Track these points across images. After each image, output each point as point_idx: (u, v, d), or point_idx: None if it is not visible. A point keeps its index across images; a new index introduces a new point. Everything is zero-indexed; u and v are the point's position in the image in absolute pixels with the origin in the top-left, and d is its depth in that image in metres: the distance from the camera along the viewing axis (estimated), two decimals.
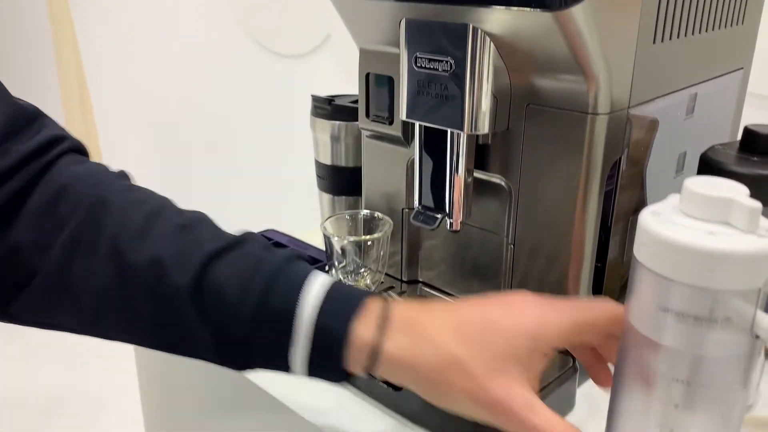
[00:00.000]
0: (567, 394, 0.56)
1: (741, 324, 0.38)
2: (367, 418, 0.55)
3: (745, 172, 0.50)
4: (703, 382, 0.39)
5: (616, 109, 0.51)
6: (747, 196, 0.39)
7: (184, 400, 0.72)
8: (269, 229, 0.83)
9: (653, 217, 0.40)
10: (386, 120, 0.63)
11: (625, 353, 0.43)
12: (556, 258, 0.55)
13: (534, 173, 0.55)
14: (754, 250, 0.37)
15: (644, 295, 0.40)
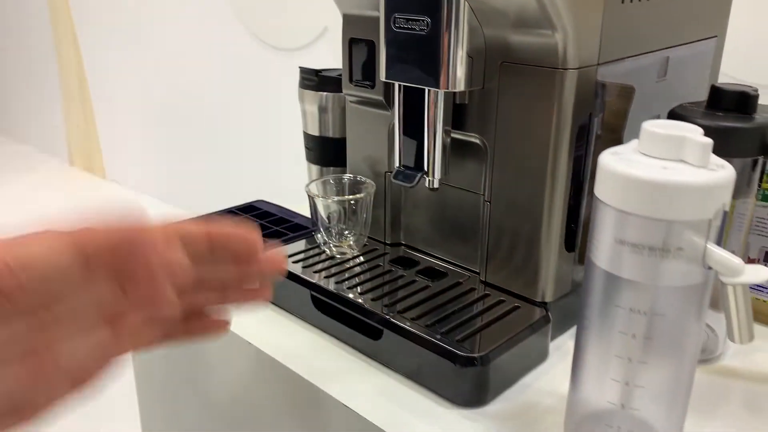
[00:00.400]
0: (539, 345, 0.58)
1: (693, 255, 0.40)
2: (346, 363, 0.57)
3: (710, 124, 0.52)
4: (660, 312, 0.41)
5: (585, 65, 0.53)
6: (701, 134, 0.41)
7: (181, 397, 0.74)
8: (259, 200, 0.85)
9: (612, 157, 0.42)
10: (368, 84, 0.65)
11: (588, 292, 0.44)
12: (530, 215, 0.57)
13: (508, 130, 0.57)
14: (704, 183, 0.39)
15: (603, 230, 0.42)
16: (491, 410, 0.52)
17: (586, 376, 0.46)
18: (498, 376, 0.53)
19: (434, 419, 0.51)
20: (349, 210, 0.66)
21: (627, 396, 0.44)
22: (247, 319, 0.64)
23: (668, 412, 0.45)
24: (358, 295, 0.60)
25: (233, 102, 2.24)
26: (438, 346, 0.53)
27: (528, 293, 0.59)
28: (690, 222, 0.39)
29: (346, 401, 0.53)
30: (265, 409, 0.63)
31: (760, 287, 0.64)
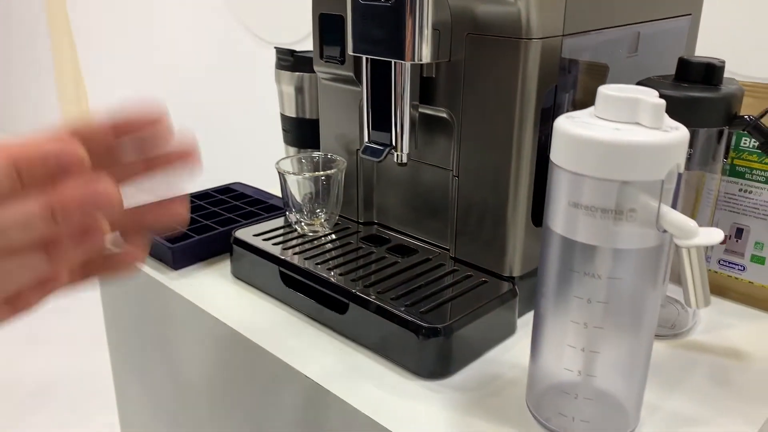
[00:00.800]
0: (506, 319, 0.57)
1: (646, 217, 0.40)
2: (313, 338, 0.57)
3: (675, 94, 0.52)
4: (615, 276, 0.41)
5: (549, 35, 0.52)
6: (656, 97, 0.40)
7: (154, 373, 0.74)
8: (236, 182, 0.85)
9: (567, 120, 0.42)
10: (338, 60, 0.65)
11: (545, 258, 0.44)
12: (496, 190, 0.57)
13: (474, 104, 0.56)
14: (656, 142, 0.38)
15: (558, 194, 0.42)
16: (454, 381, 0.52)
17: (544, 343, 0.46)
18: (462, 348, 0.53)
19: (396, 390, 0.51)
20: (321, 187, 0.66)
21: (584, 362, 0.44)
22: (215, 294, 0.64)
23: (628, 380, 0.45)
24: (326, 270, 0.60)
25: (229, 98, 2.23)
26: (401, 318, 0.52)
27: (496, 268, 0.59)
28: (642, 183, 0.39)
29: (310, 374, 0.53)
30: (233, 384, 0.63)
31: (732, 263, 0.63)
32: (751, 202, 0.62)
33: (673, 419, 0.48)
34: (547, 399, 0.47)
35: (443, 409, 0.49)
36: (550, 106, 0.55)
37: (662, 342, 0.57)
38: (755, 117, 0.52)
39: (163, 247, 0.67)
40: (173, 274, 0.68)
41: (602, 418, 0.46)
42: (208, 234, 0.69)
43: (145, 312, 0.72)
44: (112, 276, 0.37)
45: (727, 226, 0.63)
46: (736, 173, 0.62)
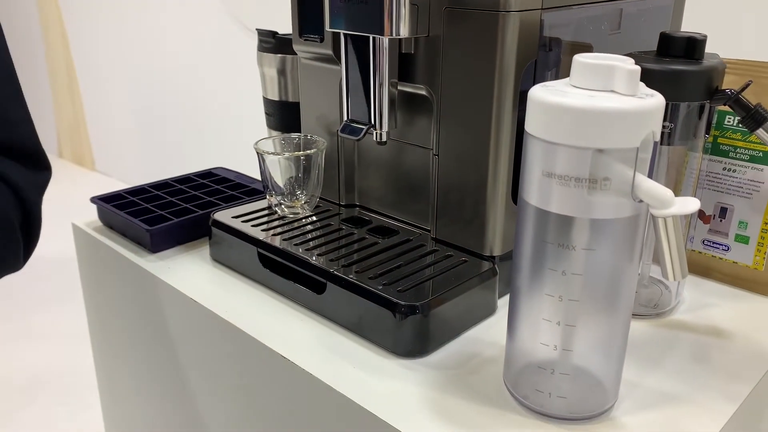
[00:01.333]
0: (486, 298, 0.56)
1: (621, 186, 0.39)
2: (291, 319, 0.56)
3: (657, 68, 0.51)
4: (589, 248, 0.40)
5: (527, 8, 0.51)
6: (631, 63, 0.39)
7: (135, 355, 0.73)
8: (218, 167, 0.84)
9: (542, 89, 0.41)
10: (317, 38, 0.64)
11: (521, 231, 0.43)
12: (476, 168, 0.56)
13: (453, 80, 0.56)
14: (630, 109, 0.37)
15: (532, 165, 0.41)
16: (432, 360, 0.51)
17: (520, 318, 0.45)
18: (440, 326, 0.52)
19: (374, 369, 0.50)
20: (301, 168, 0.65)
21: (560, 336, 0.43)
22: (193, 277, 0.63)
23: (605, 356, 0.44)
24: (304, 251, 0.59)
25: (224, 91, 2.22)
26: (379, 297, 0.52)
27: (476, 248, 0.58)
28: (617, 150, 0.38)
29: (288, 355, 0.52)
30: (213, 366, 0.62)
31: (717, 243, 0.63)
32: (735, 181, 0.61)
33: (652, 396, 0.47)
34: (525, 376, 0.46)
35: (420, 387, 0.48)
36: (530, 81, 0.54)
37: (645, 321, 0.57)
38: (736, 91, 0.51)
39: (141, 230, 0.67)
40: (151, 257, 0.67)
41: (580, 394, 0.45)
42: (187, 217, 0.69)
43: (124, 295, 0.71)
44: None
45: (711, 205, 0.62)
46: (719, 152, 0.61)
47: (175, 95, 2.46)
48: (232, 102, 2.19)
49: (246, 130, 2.14)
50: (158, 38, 2.43)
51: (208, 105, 2.31)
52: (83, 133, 3.12)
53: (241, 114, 2.15)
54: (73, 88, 3.03)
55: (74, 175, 3.14)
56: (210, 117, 2.32)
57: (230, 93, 2.18)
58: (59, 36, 2.95)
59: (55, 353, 1.78)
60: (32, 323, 1.91)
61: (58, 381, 1.67)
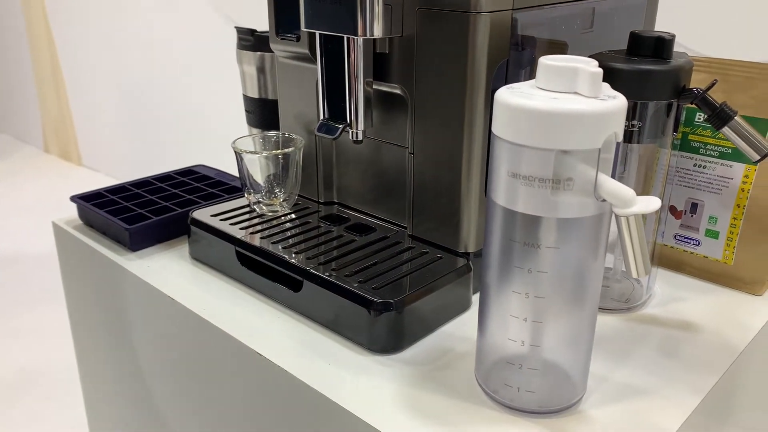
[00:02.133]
0: (461, 294, 0.57)
1: (584, 186, 0.40)
2: (269, 317, 0.57)
3: (625, 68, 0.52)
4: (553, 246, 0.41)
5: (498, 8, 0.52)
6: (595, 66, 0.40)
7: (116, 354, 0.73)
8: (199, 164, 0.84)
9: (507, 91, 0.41)
10: (294, 37, 0.64)
11: (489, 230, 0.44)
12: (450, 166, 0.57)
13: (427, 80, 0.56)
14: (593, 111, 0.38)
15: (499, 165, 0.42)
16: (406, 356, 0.52)
17: (490, 314, 0.46)
18: (414, 323, 0.53)
19: (348, 366, 0.51)
20: (279, 167, 0.65)
21: (528, 333, 0.44)
22: (172, 275, 0.64)
23: (573, 350, 0.46)
24: (282, 249, 0.60)
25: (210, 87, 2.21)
26: (353, 294, 0.52)
27: (451, 244, 0.59)
28: (579, 152, 0.39)
29: (265, 353, 0.52)
30: (192, 364, 0.62)
31: (688, 238, 0.64)
32: (705, 177, 0.62)
33: (620, 389, 0.48)
34: (495, 371, 0.47)
35: (394, 383, 0.49)
36: (502, 81, 0.55)
37: (616, 315, 0.58)
38: (703, 90, 0.52)
39: (120, 229, 0.67)
40: (130, 256, 0.67)
41: (548, 388, 0.46)
42: (167, 215, 0.69)
43: (104, 294, 0.71)
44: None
45: (682, 201, 0.64)
46: (690, 148, 0.62)
47: (161, 90, 2.45)
48: (219, 97, 2.18)
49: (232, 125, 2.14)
50: (144, 32, 2.42)
51: (196, 99, 2.30)
52: (69, 128, 3.11)
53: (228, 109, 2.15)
54: (59, 83, 3.01)
55: (61, 170, 3.13)
56: (197, 111, 2.32)
57: (217, 88, 2.17)
58: (44, 31, 2.93)
59: (41, 350, 1.78)
60: (18, 321, 1.91)
61: (44, 378, 1.67)
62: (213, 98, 2.21)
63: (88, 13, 2.65)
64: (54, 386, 1.64)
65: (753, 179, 0.60)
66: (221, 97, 2.17)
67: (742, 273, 0.61)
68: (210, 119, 2.26)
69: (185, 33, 2.23)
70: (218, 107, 2.20)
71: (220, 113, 2.20)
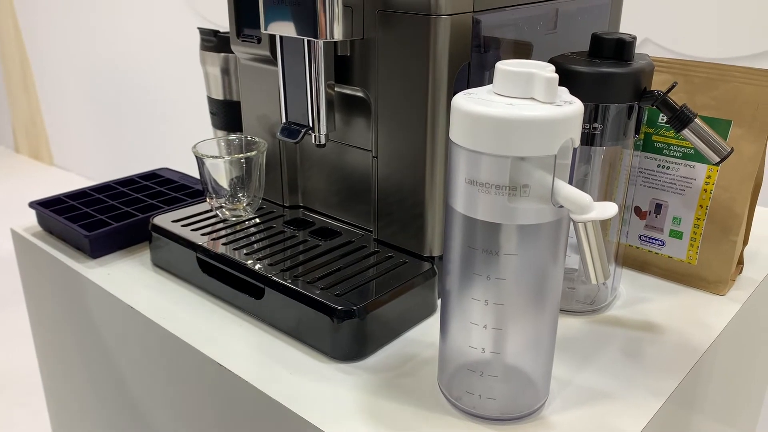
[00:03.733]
0: (425, 299, 0.57)
1: (540, 192, 0.39)
2: (230, 325, 0.56)
3: (586, 70, 0.52)
4: (511, 252, 0.41)
5: (459, 11, 0.52)
6: (551, 71, 0.40)
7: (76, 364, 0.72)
8: (163, 168, 0.83)
9: (465, 97, 0.41)
10: (254, 39, 0.63)
11: (449, 236, 0.44)
12: (413, 170, 0.56)
13: (388, 83, 0.56)
14: (548, 117, 0.38)
15: (456, 172, 0.41)
16: (369, 363, 0.51)
17: (451, 321, 0.45)
18: (378, 329, 0.53)
19: (310, 375, 0.50)
20: (242, 171, 0.64)
21: (488, 340, 0.43)
22: (132, 283, 0.63)
23: (534, 356, 0.45)
24: (245, 256, 0.59)
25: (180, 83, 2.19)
26: (315, 301, 0.52)
27: (416, 248, 0.59)
28: (535, 158, 0.39)
29: (224, 362, 0.52)
30: (153, 374, 0.61)
31: (652, 239, 0.64)
32: (669, 177, 0.62)
33: (582, 394, 0.48)
34: (457, 378, 0.47)
35: (356, 391, 0.48)
36: (464, 83, 0.55)
37: (580, 318, 0.58)
38: (663, 92, 0.52)
39: (80, 235, 0.65)
40: (91, 263, 0.66)
41: (510, 395, 0.46)
42: (128, 221, 0.68)
43: (64, 301, 0.70)
44: None
45: (647, 201, 0.64)
46: (654, 149, 0.63)
47: (132, 89, 2.41)
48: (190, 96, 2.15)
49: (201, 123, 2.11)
50: (114, 29, 2.38)
51: (167, 98, 2.27)
52: (40, 127, 3.05)
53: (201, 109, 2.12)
54: (28, 81, 2.95)
55: (32, 170, 3.07)
56: (168, 110, 2.29)
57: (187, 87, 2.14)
58: (12, 28, 2.87)
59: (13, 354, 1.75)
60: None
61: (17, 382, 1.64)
62: (183, 97, 2.18)
63: (57, 10, 2.60)
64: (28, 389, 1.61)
65: (715, 180, 0.60)
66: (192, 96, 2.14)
67: (706, 273, 0.62)
68: (181, 118, 2.24)
69: (156, 32, 2.20)
70: (189, 106, 2.17)
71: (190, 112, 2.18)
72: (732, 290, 0.62)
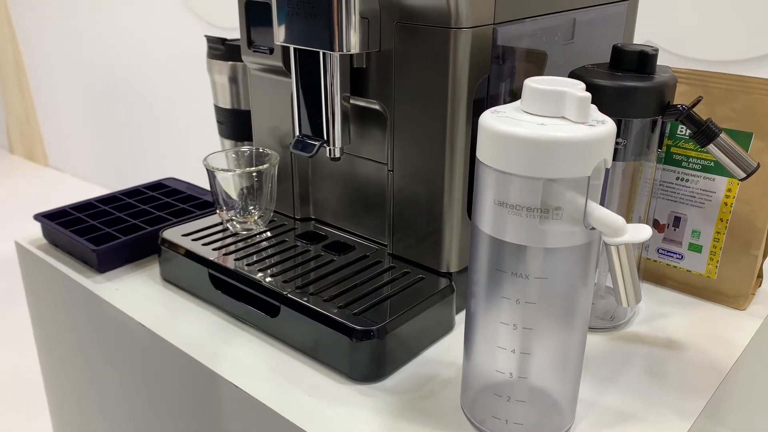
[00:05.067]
0: (444, 316, 0.56)
1: (573, 215, 0.38)
2: (244, 342, 0.55)
3: (609, 84, 0.51)
4: (542, 276, 0.40)
5: (479, 24, 0.50)
6: (582, 90, 0.39)
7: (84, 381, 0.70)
8: (169, 177, 0.81)
9: (492, 115, 0.40)
10: (267, 50, 0.62)
11: (474, 258, 0.43)
12: (431, 184, 0.55)
13: (406, 96, 0.54)
14: (581, 138, 0.37)
15: (485, 193, 0.40)
16: (389, 384, 0.50)
17: (476, 344, 0.44)
18: (397, 349, 0.52)
19: (328, 396, 0.49)
20: (253, 183, 0.63)
21: (516, 364, 0.42)
22: (141, 298, 0.61)
23: (561, 380, 0.44)
24: (258, 271, 0.58)
25: (175, 84, 2.17)
26: (334, 321, 0.50)
27: (433, 264, 0.57)
28: (568, 180, 0.37)
29: (237, 381, 0.50)
30: (162, 391, 0.60)
31: (670, 252, 0.63)
32: (687, 190, 0.61)
33: (608, 416, 0.47)
34: (481, 401, 0.45)
35: (376, 413, 0.47)
36: (483, 97, 0.54)
37: (601, 335, 0.57)
38: (688, 106, 0.51)
39: (87, 249, 0.64)
40: (98, 278, 0.64)
41: (537, 418, 0.44)
42: (136, 234, 0.66)
43: (71, 315, 0.68)
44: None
45: (665, 214, 0.63)
46: (672, 161, 0.62)
47: (128, 89, 2.39)
48: (187, 97, 2.13)
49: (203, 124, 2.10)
50: (109, 29, 2.35)
51: (163, 98, 2.25)
52: (34, 128, 3.02)
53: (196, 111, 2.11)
54: (22, 81, 2.92)
55: (26, 171, 3.04)
56: (164, 110, 2.27)
57: (187, 89, 2.12)
58: (6, 27, 2.84)
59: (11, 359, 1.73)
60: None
61: (12, 387, 1.62)
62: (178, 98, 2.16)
63: (52, 8, 2.57)
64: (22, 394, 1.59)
65: (736, 193, 0.59)
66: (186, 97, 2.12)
67: (726, 287, 0.61)
68: (176, 119, 2.22)
69: (154, 31, 2.18)
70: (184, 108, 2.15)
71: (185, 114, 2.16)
72: (752, 305, 0.62)
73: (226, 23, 1.85)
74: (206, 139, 2.08)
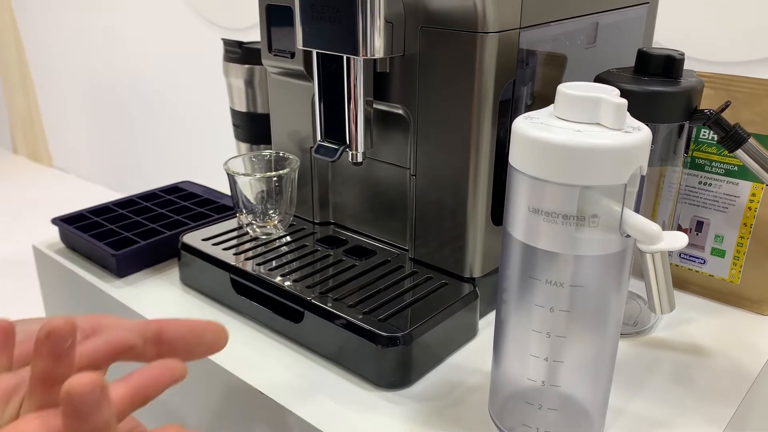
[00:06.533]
0: (468, 322, 0.55)
1: (609, 222, 0.38)
2: (267, 348, 0.55)
3: (635, 89, 0.50)
4: (577, 284, 0.39)
5: (505, 28, 0.50)
6: (617, 96, 0.39)
7: None
8: (185, 181, 0.81)
9: (526, 121, 0.39)
10: (288, 54, 0.61)
11: (506, 264, 0.42)
12: (455, 188, 0.55)
13: (430, 100, 0.54)
14: (618, 145, 0.37)
15: (518, 199, 0.40)
16: (415, 391, 0.50)
17: (506, 352, 0.44)
18: (423, 355, 0.51)
19: (354, 403, 0.49)
20: (273, 188, 0.63)
21: (548, 372, 0.42)
22: (162, 303, 0.61)
23: (592, 387, 0.44)
24: (280, 276, 0.57)
25: (180, 84, 2.16)
26: (359, 327, 0.50)
27: (456, 269, 0.57)
28: (604, 187, 0.37)
29: (263, 389, 0.50)
30: (183, 398, 0.60)
31: (693, 257, 0.63)
32: (710, 194, 0.61)
33: (637, 423, 0.47)
34: (510, 408, 0.45)
35: (404, 421, 0.47)
36: (509, 99, 0.53)
37: (625, 340, 0.56)
38: (716, 111, 0.51)
39: (106, 254, 0.64)
40: (118, 283, 0.64)
41: (567, 426, 0.44)
42: (155, 239, 0.66)
43: None
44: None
45: (688, 219, 0.62)
46: (695, 165, 0.61)
47: (132, 89, 2.39)
48: (192, 97, 2.13)
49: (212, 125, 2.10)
50: (113, 30, 2.35)
51: (168, 98, 2.25)
52: (38, 128, 3.02)
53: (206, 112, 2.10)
54: (26, 82, 2.92)
55: (30, 171, 3.04)
56: (169, 110, 2.27)
57: (188, 88, 2.12)
58: (10, 27, 2.84)
59: None
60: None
61: None
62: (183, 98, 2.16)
63: (56, 8, 2.57)
64: None
65: (760, 198, 0.59)
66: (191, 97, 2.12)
67: (749, 292, 0.61)
68: (181, 120, 2.21)
69: (156, 32, 2.17)
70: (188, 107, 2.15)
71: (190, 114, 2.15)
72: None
73: (229, 24, 1.84)
74: (213, 141, 2.08)
